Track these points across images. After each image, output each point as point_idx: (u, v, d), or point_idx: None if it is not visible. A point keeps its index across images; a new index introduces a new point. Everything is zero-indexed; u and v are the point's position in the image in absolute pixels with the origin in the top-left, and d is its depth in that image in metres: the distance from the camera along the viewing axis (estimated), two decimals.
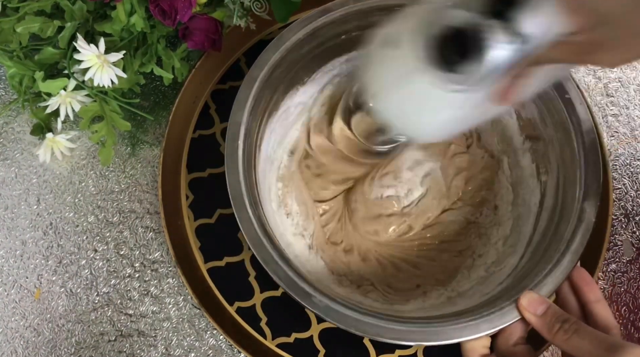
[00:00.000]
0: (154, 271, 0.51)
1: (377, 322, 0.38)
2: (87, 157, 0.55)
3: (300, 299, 0.38)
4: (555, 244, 0.41)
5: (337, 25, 0.46)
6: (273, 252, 0.39)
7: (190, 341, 0.49)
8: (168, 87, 0.56)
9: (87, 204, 0.53)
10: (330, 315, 0.38)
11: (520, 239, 0.46)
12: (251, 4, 0.53)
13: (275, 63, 0.45)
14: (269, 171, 0.50)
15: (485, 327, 0.38)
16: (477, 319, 0.38)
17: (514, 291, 0.39)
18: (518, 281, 0.41)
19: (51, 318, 0.50)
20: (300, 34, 0.45)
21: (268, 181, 0.49)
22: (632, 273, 0.51)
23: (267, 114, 0.47)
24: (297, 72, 0.48)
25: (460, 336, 0.38)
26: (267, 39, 0.58)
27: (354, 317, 0.38)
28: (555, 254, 0.40)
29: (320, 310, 0.38)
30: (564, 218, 0.42)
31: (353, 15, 0.46)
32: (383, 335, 0.38)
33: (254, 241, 0.39)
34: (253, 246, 0.39)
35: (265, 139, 0.48)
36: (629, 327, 0.49)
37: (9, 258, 0.52)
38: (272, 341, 0.48)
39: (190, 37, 0.51)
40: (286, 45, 0.45)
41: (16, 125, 0.56)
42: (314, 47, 0.47)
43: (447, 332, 0.38)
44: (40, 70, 0.50)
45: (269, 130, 0.48)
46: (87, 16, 0.50)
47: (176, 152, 0.54)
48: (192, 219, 0.52)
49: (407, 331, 0.38)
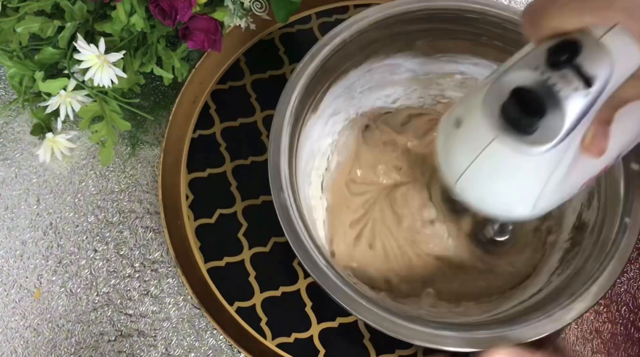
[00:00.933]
0: (154, 271, 0.51)
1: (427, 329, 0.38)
2: (87, 157, 0.55)
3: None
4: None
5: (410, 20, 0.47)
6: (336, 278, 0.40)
7: (190, 341, 0.49)
8: (168, 87, 0.56)
9: (87, 204, 0.53)
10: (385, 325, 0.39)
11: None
12: (251, 4, 0.53)
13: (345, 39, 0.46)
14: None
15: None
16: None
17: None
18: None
19: (51, 318, 0.50)
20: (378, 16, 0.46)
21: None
22: (632, 273, 0.51)
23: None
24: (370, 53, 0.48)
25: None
26: (267, 39, 0.58)
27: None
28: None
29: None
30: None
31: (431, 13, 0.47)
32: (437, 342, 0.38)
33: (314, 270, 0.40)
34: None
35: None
36: (629, 327, 0.49)
37: (9, 258, 0.52)
38: (272, 341, 0.48)
39: (190, 37, 0.51)
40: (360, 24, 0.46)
41: (16, 125, 0.56)
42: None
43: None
44: (40, 70, 0.50)
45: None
46: (87, 16, 0.50)
47: (176, 152, 0.54)
48: (192, 219, 0.52)
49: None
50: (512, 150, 0.30)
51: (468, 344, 0.38)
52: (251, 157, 0.54)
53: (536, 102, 0.28)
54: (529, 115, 0.28)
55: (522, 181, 0.32)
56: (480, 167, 0.32)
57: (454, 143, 0.33)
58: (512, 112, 0.29)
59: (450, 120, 0.33)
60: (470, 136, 0.32)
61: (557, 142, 0.29)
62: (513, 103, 0.28)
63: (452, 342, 0.38)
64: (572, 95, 0.28)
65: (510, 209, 0.34)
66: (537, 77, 0.28)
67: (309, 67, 0.45)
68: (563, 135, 0.29)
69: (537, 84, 0.28)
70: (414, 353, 0.48)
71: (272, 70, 0.57)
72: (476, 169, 0.32)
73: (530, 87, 0.28)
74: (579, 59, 0.28)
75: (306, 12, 0.59)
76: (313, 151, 0.50)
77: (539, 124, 0.28)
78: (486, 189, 0.33)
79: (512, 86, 0.28)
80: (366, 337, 0.48)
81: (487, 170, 0.32)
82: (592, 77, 0.27)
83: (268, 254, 0.51)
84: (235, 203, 0.52)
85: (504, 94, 0.29)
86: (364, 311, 0.39)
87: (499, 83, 0.30)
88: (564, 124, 0.28)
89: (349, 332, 0.49)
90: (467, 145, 0.32)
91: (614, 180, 0.43)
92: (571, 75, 0.28)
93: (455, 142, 0.33)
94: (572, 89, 0.28)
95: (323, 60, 0.46)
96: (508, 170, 0.31)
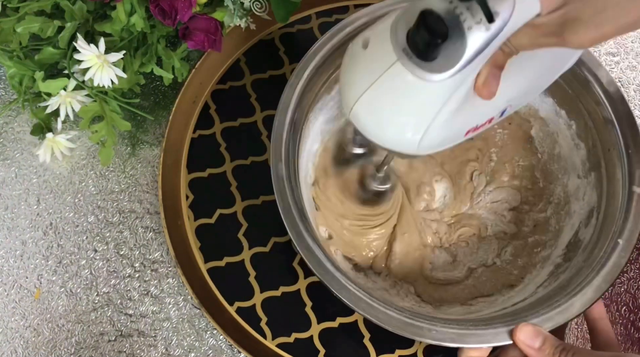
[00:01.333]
0: (154, 271, 0.51)
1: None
2: (87, 157, 0.55)
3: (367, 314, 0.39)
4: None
5: None
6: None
7: (190, 341, 0.49)
8: (168, 87, 0.56)
9: (87, 204, 0.53)
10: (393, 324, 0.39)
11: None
12: (251, 4, 0.53)
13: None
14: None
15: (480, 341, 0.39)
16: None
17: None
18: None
19: (51, 318, 0.50)
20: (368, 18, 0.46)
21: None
22: (632, 273, 0.51)
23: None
24: None
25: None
26: (267, 39, 0.58)
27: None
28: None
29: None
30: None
31: None
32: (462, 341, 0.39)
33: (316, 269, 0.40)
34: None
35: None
36: (629, 327, 0.49)
37: (9, 258, 0.52)
38: (272, 341, 0.48)
39: (190, 37, 0.51)
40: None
41: (16, 125, 0.56)
42: None
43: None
44: (40, 70, 0.50)
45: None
46: (87, 16, 0.50)
47: (176, 152, 0.54)
48: (192, 219, 0.52)
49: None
50: (412, 73, 0.31)
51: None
52: (251, 157, 0.54)
53: (441, 26, 0.29)
54: (433, 38, 0.29)
55: (415, 108, 0.33)
56: (378, 89, 0.33)
57: (358, 63, 0.34)
58: (417, 34, 0.30)
59: (358, 41, 0.35)
60: (375, 57, 0.33)
61: (454, 72, 0.31)
62: (419, 25, 0.30)
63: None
64: (475, 27, 0.30)
65: (399, 139, 0.35)
66: (446, 5, 0.30)
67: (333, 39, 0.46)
68: (461, 65, 0.30)
69: (444, 11, 0.30)
70: (414, 353, 0.48)
71: (272, 70, 0.57)
72: (375, 91, 0.33)
73: (437, 12, 0.30)
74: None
75: (306, 12, 0.59)
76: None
77: (440, 50, 0.30)
78: (379, 115, 0.34)
79: (420, 8, 0.30)
80: (366, 337, 0.48)
81: (385, 93, 0.33)
82: (495, 12, 0.29)
83: (268, 254, 0.51)
84: (235, 203, 0.52)
85: (412, 19, 0.30)
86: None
87: (409, 9, 0.32)
88: (464, 54, 0.30)
89: (349, 332, 0.49)
90: (370, 65, 0.33)
91: (614, 200, 0.43)
92: (476, 8, 0.29)
93: (359, 62, 0.34)
94: (475, 21, 0.30)
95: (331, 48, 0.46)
96: (404, 94, 0.32)
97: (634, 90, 0.58)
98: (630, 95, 0.58)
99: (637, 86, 0.59)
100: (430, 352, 0.48)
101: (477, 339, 0.38)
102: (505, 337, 0.38)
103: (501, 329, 0.39)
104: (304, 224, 0.41)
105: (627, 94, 0.58)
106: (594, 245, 0.43)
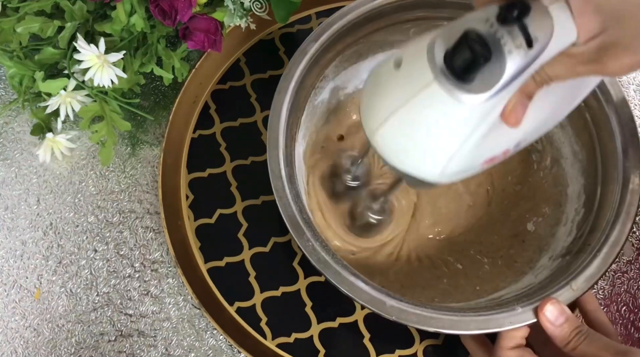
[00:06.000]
0: (154, 271, 0.51)
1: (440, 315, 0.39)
2: (87, 157, 0.55)
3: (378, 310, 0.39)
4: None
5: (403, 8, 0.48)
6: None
7: (190, 341, 0.49)
8: (168, 87, 0.56)
9: (87, 204, 0.53)
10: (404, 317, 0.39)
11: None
12: (251, 4, 0.53)
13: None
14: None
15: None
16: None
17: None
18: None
19: (51, 318, 0.50)
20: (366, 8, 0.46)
21: None
22: (632, 273, 0.51)
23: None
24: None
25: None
26: (267, 39, 0.58)
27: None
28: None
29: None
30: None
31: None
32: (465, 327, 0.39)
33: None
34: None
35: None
36: (629, 327, 0.49)
37: (9, 258, 0.52)
38: (272, 341, 0.48)
39: (190, 37, 0.51)
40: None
41: (16, 125, 0.56)
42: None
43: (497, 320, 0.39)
44: (40, 70, 0.50)
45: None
46: (87, 16, 0.50)
47: (176, 152, 0.54)
48: (192, 219, 0.52)
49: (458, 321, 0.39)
50: (449, 93, 0.30)
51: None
52: (251, 157, 0.54)
53: (484, 47, 0.29)
54: (475, 58, 0.29)
55: (446, 131, 0.32)
56: (411, 110, 0.32)
57: (389, 83, 0.33)
58: (458, 55, 0.30)
59: (389, 62, 0.34)
60: (409, 77, 0.32)
61: (490, 95, 0.30)
62: (461, 45, 0.29)
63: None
64: (514, 51, 0.29)
65: (422, 164, 0.34)
66: (487, 28, 0.30)
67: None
68: (497, 89, 0.30)
69: (485, 33, 0.29)
70: (414, 353, 0.48)
71: (272, 70, 0.57)
72: (407, 111, 0.32)
73: (479, 32, 0.29)
74: (527, 19, 0.29)
75: (306, 12, 0.59)
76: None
77: (479, 72, 0.30)
78: (408, 136, 0.33)
79: (461, 30, 0.30)
80: (366, 337, 0.48)
81: (417, 114, 0.32)
82: (534, 38, 0.29)
83: (268, 254, 0.51)
84: (235, 203, 0.52)
85: (451, 40, 0.30)
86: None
87: (448, 29, 0.31)
88: (501, 77, 0.30)
89: (349, 332, 0.49)
90: (403, 85, 0.32)
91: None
92: (517, 32, 0.29)
93: (390, 82, 0.33)
94: (515, 45, 0.29)
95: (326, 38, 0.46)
96: (437, 115, 0.32)
97: (633, 91, 0.58)
98: (630, 95, 0.58)
99: (637, 86, 0.59)
100: (430, 352, 0.48)
101: (496, 322, 0.39)
102: (529, 315, 0.39)
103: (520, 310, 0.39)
104: (305, 223, 0.41)
105: (627, 93, 0.58)
106: (579, 254, 0.43)
